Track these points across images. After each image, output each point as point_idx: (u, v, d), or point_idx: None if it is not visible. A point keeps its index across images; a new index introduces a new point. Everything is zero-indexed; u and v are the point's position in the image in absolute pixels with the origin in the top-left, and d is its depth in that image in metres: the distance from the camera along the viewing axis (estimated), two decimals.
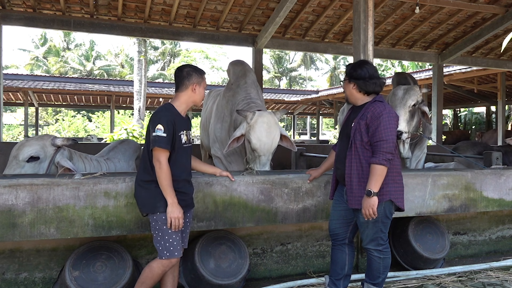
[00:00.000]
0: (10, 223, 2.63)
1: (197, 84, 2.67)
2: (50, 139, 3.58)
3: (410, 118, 4.31)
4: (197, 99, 2.71)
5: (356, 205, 2.74)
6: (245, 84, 4.45)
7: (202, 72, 2.76)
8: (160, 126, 2.46)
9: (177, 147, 2.56)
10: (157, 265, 2.56)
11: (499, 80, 12.69)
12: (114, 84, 18.31)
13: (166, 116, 2.52)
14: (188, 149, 2.69)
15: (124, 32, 7.57)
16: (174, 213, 2.47)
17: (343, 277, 2.96)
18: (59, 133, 21.99)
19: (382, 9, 7.86)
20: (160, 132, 2.45)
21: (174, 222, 2.48)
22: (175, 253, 2.54)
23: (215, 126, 4.55)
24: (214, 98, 5.21)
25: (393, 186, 2.75)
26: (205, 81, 2.76)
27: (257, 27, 8.05)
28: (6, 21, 6.86)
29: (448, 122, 23.83)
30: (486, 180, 3.93)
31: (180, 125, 2.59)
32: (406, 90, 4.38)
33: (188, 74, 2.67)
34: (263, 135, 3.58)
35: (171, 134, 2.50)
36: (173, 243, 2.53)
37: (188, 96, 2.68)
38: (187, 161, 2.69)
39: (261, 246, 3.59)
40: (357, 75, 2.81)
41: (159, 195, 2.50)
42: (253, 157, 3.66)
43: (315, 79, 42.31)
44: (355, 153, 2.75)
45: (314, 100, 19.18)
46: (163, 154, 2.47)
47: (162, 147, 2.46)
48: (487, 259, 4.16)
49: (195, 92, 2.68)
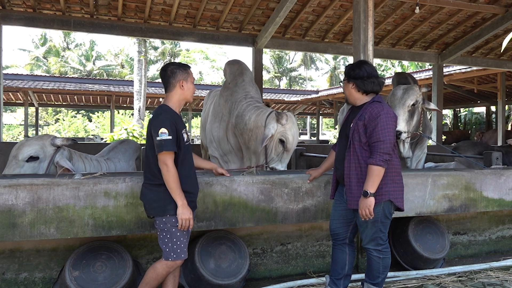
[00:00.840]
0: (10, 223, 2.63)
1: (184, 80, 2.64)
2: (50, 139, 3.58)
3: (409, 118, 4.31)
4: (187, 95, 2.68)
5: (355, 205, 2.74)
6: (243, 82, 4.45)
7: (187, 67, 2.72)
8: (164, 130, 2.44)
9: (182, 146, 2.56)
10: (162, 266, 2.56)
11: (499, 80, 12.69)
12: (114, 84, 18.31)
13: (167, 118, 2.50)
14: (190, 147, 2.69)
15: (124, 32, 7.57)
16: (185, 214, 2.47)
17: (343, 277, 2.97)
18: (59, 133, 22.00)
19: (382, 9, 7.86)
20: (165, 136, 2.44)
21: (185, 224, 2.48)
22: (181, 255, 2.55)
23: (212, 125, 4.55)
24: (212, 98, 5.20)
25: (392, 186, 2.75)
26: (192, 75, 2.72)
27: (257, 27, 8.05)
28: (6, 21, 6.86)
29: (448, 122, 23.84)
30: (486, 180, 3.93)
31: (181, 124, 2.60)
32: (405, 90, 4.39)
33: (172, 73, 2.64)
34: (295, 134, 3.78)
35: (175, 135, 2.49)
36: (181, 245, 2.54)
37: (178, 94, 2.66)
38: (191, 158, 2.69)
39: (261, 246, 3.59)
40: (355, 75, 2.82)
41: (168, 198, 2.49)
42: (278, 156, 3.78)
43: (315, 79, 42.35)
44: (354, 154, 2.75)
45: (314, 100, 19.19)
46: (170, 157, 2.46)
47: (170, 150, 2.45)
48: (487, 259, 4.16)
49: (183, 88, 2.65)
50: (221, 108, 4.51)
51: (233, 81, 4.53)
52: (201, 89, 18.61)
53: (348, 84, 2.87)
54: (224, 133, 4.37)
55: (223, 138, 4.38)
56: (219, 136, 4.43)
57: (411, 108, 4.30)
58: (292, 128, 3.75)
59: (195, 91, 2.76)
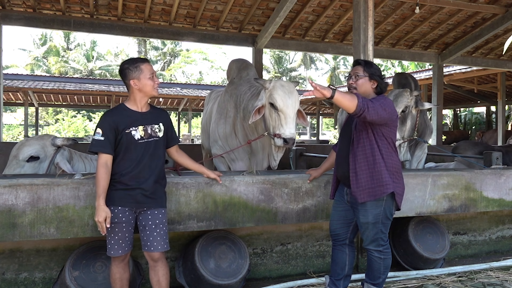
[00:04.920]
0: (10, 223, 2.63)
1: (135, 79, 2.58)
2: (50, 139, 3.58)
3: (401, 124, 4.31)
4: (146, 91, 2.60)
5: (366, 197, 2.71)
6: (247, 76, 4.46)
7: (138, 61, 2.62)
8: (99, 130, 2.49)
9: (127, 144, 2.53)
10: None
11: (499, 80, 12.69)
12: (114, 84, 18.27)
13: (106, 119, 2.53)
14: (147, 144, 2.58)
15: (124, 32, 7.56)
16: (96, 216, 2.44)
17: (343, 277, 2.97)
18: (59, 133, 21.98)
19: (382, 9, 7.86)
20: (98, 136, 2.48)
21: (98, 226, 2.45)
22: (111, 251, 2.54)
23: (217, 123, 4.47)
24: (214, 99, 5.19)
25: (395, 179, 2.74)
26: (147, 69, 2.59)
27: (257, 27, 8.05)
28: (6, 21, 6.86)
29: (448, 122, 23.84)
30: (486, 180, 3.93)
31: (129, 122, 2.55)
32: (395, 97, 4.39)
33: (123, 74, 2.62)
34: (286, 94, 3.55)
35: (113, 136, 2.50)
36: (111, 241, 2.54)
37: (135, 93, 2.61)
38: (143, 155, 2.56)
39: (261, 246, 3.59)
40: (379, 74, 2.89)
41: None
42: (277, 123, 3.54)
43: (315, 79, 42.28)
44: (362, 146, 2.74)
45: (314, 100, 19.17)
46: (100, 156, 2.48)
47: (97, 150, 2.48)
48: (487, 259, 4.16)
49: (138, 86, 2.58)
50: (225, 104, 4.46)
51: (238, 75, 4.53)
52: (201, 89, 18.61)
53: (369, 82, 2.88)
54: (232, 129, 4.31)
55: (230, 134, 4.31)
56: (226, 132, 4.34)
57: (401, 114, 4.31)
58: (278, 89, 3.55)
59: (156, 84, 2.64)
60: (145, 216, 2.57)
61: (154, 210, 2.59)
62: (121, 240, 2.55)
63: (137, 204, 2.55)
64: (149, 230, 2.56)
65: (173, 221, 2.93)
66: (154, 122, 2.65)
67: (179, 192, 2.97)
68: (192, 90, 18.15)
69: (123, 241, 2.55)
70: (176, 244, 3.31)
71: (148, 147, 2.59)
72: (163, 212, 2.63)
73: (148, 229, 2.56)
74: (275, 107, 3.52)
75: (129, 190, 2.52)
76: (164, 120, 2.72)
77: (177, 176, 3.09)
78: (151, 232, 2.56)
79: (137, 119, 2.59)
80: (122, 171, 2.52)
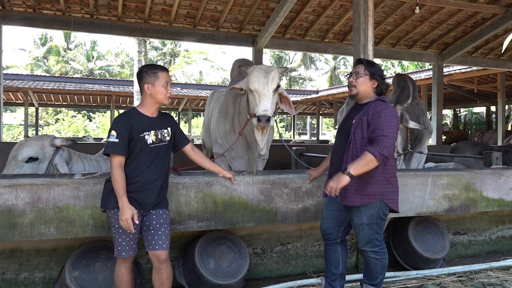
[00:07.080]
0: (10, 223, 2.63)
1: (150, 84, 2.59)
2: (49, 140, 3.56)
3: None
4: (158, 98, 2.62)
5: (351, 202, 2.72)
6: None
7: (156, 67, 2.65)
8: (113, 132, 2.50)
9: (140, 148, 2.55)
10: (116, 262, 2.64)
11: (499, 80, 12.70)
12: (114, 84, 18.30)
13: (120, 121, 2.54)
14: (158, 149, 2.62)
15: (124, 32, 7.57)
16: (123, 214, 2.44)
17: (338, 277, 2.95)
18: (59, 133, 21.99)
19: (382, 9, 7.86)
20: (112, 138, 2.49)
21: (124, 224, 2.44)
22: (122, 252, 2.55)
23: (218, 122, 4.50)
24: (216, 99, 5.21)
25: (387, 187, 2.74)
26: (163, 77, 2.62)
27: (257, 27, 8.05)
28: (6, 21, 6.87)
29: (448, 122, 23.84)
30: (486, 180, 3.93)
31: (142, 126, 2.57)
32: None
33: (140, 76, 2.63)
34: (260, 74, 3.60)
35: (127, 138, 2.51)
36: (122, 243, 2.55)
37: (147, 98, 2.64)
38: (153, 160, 2.60)
39: (261, 246, 3.59)
40: (381, 74, 2.87)
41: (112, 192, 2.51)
42: (253, 103, 3.60)
43: (315, 79, 42.33)
44: (354, 150, 2.74)
45: (314, 100, 19.18)
46: (114, 158, 2.49)
47: (113, 152, 2.48)
48: (487, 259, 4.16)
49: (150, 91, 2.60)
50: (226, 103, 4.48)
51: (239, 73, 4.56)
52: (201, 89, 18.62)
53: (369, 81, 2.86)
54: (231, 126, 4.33)
55: (229, 132, 4.34)
56: (226, 130, 4.37)
57: None
58: (254, 71, 3.62)
59: (169, 93, 2.66)
60: (150, 216, 2.59)
61: (159, 210, 2.62)
62: (132, 242, 2.57)
63: (145, 206, 2.57)
64: (153, 230, 2.58)
65: (173, 221, 2.93)
66: (163, 127, 2.68)
67: (179, 192, 2.97)
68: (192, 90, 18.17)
69: (133, 242, 2.58)
70: (176, 244, 3.31)
71: (158, 151, 2.63)
72: (167, 213, 2.66)
73: (153, 229, 2.58)
74: (250, 90, 3.60)
75: (138, 193, 2.55)
76: (171, 124, 2.76)
77: (177, 176, 3.09)
78: (155, 231, 2.58)
79: (149, 124, 2.62)
80: (133, 174, 2.54)
